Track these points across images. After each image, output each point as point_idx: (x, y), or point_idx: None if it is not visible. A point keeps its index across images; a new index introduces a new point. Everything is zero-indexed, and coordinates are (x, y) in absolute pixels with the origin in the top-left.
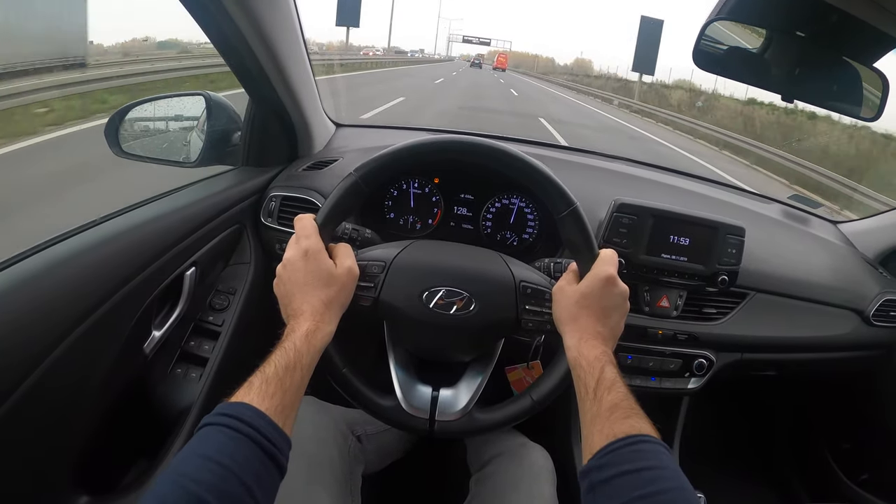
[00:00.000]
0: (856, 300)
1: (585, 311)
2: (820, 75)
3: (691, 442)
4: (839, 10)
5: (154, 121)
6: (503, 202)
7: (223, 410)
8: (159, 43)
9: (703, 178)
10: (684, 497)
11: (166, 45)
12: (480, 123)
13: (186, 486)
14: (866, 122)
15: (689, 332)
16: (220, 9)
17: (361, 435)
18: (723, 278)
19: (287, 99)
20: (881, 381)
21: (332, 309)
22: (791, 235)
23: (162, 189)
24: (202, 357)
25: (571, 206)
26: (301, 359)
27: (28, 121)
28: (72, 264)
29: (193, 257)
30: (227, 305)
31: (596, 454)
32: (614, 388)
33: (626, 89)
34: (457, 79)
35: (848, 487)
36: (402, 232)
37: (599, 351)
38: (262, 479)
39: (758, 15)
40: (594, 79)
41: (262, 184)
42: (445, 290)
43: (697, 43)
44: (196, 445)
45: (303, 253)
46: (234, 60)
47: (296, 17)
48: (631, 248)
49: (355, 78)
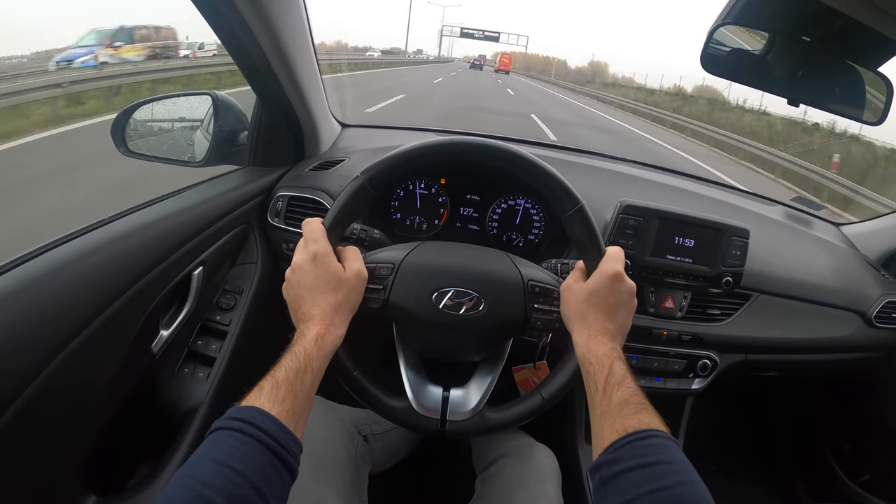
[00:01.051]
0: (858, 302)
1: (593, 308)
2: (823, 79)
3: (694, 442)
4: (844, 15)
5: (160, 120)
6: (509, 203)
7: (234, 415)
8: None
9: (707, 179)
10: (695, 491)
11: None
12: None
13: (198, 490)
14: (870, 125)
15: (693, 332)
16: (231, 8)
17: (368, 435)
18: (727, 280)
19: (295, 98)
20: (883, 382)
21: (342, 312)
22: (794, 237)
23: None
24: (210, 356)
25: (578, 205)
26: (311, 363)
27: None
28: (80, 264)
29: (201, 257)
30: (234, 305)
31: (607, 449)
32: (624, 383)
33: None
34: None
35: (849, 488)
36: (409, 232)
37: (608, 347)
38: (273, 483)
39: (764, 20)
40: (636, 90)
41: (268, 183)
42: (455, 291)
43: (705, 47)
44: (208, 449)
45: (311, 257)
46: (243, 59)
47: (305, 18)
48: (636, 249)
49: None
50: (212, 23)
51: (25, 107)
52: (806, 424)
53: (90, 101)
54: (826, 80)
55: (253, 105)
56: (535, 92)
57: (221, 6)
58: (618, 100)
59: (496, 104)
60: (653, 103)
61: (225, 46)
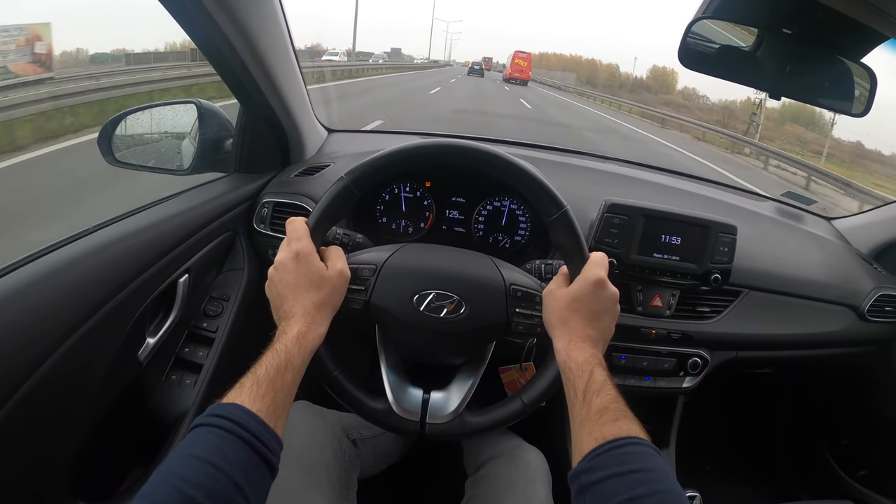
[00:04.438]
0: (850, 296)
1: (575, 314)
2: (810, 72)
3: (688, 441)
4: (824, 6)
5: (147, 130)
6: (494, 204)
7: (214, 411)
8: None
9: (695, 176)
10: (674, 499)
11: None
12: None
13: (178, 486)
14: (856, 117)
15: (682, 331)
16: (205, 16)
17: (357, 439)
18: (715, 276)
19: (277, 106)
20: (877, 376)
21: (324, 311)
22: (784, 232)
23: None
24: (197, 363)
25: (561, 210)
26: (292, 360)
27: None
28: (65, 273)
29: (187, 264)
30: (220, 312)
31: (585, 457)
32: (603, 390)
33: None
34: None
35: (847, 483)
36: (395, 236)
37: (589, 354)
38: (253, 479)
39: (743, 13)
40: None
41: (254, 190)
42: (436, 294)
43: (684, 40)
44: (187, 445)
45: (294, 255)
46: (223, 68)
47: (284, 24)
48: (622, 248)
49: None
50: (189, 32)
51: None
52: (801, 420)
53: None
54: (813, 74)
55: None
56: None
57: (196, 15)
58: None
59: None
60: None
61: (204, 55)
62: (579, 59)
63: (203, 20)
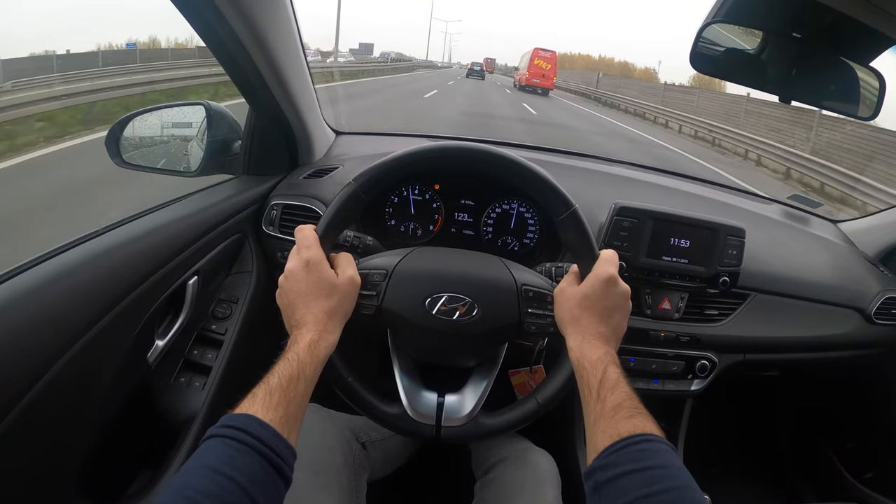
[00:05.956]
0: (857, 299)
1: (587, 311)
2: (817, 75)
3: (695, 443)
4: (834, 10)
5: (155, 131)
6: (503, 207)
7: (228, 422)
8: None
9: (702, 179)
10: (690, 495)
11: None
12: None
13: (192, 498)
14: (864, 121)
15: (691, 333)
16: (218, 17)
17: (366, 442)
18: (724, 280)
19: (287, 107)
20: (884, 379)
21: (335, 319)
22: (791, 235)
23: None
24: (206, 366)
25: (570, 208)
26: (304, 369)
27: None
28: (74, 275)
29: (196, 266)
30: (229, 314)
31: (601, 454)
32: (617, 387)
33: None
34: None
35: (853, 486)
36: (404, 239)
37: (602, 351)
38: (267, 490)
39: (753, 17)
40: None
41: (263, 192)
42: (448, 297)
43: (695, 46)
44: (201, 457)
45: (304, 263)
46: (233, 69)
47: (295, 26)
48: (632, 251)
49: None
50: (201, 33)
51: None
52: (808, 423)
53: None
54: (820, 77)
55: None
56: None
57: (210, 17)
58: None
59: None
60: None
61: (215, 57)
62: (611, 62)
63: (215, 20)
